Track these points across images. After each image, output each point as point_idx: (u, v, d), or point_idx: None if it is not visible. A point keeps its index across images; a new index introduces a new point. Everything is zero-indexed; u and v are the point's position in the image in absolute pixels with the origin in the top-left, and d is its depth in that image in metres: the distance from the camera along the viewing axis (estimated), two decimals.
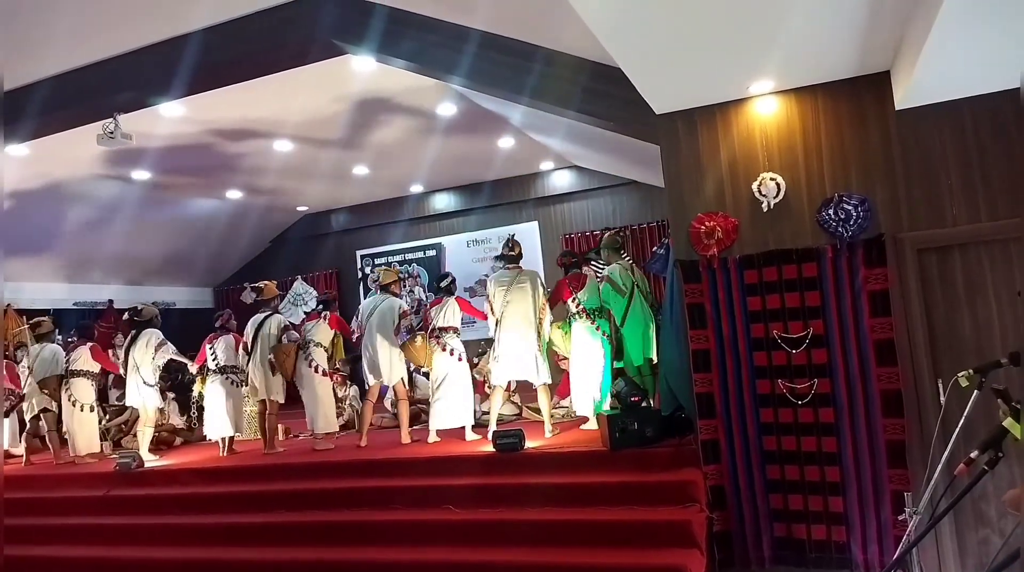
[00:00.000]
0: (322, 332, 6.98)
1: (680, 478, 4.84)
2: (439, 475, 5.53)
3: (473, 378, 6.79)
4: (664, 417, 5.35)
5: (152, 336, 7.39)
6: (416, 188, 12.16)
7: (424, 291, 12.22)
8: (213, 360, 7.22)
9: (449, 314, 6.50)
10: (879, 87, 4.55)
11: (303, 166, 9.97)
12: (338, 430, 7.24)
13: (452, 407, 6.36)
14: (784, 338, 4.66)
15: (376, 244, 13.00)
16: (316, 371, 6.85)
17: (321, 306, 7.25)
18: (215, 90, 6.79)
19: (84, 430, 7.49)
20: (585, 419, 6.27)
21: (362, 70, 6.83)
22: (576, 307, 6.23)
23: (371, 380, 6.77)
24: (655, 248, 7.64)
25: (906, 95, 4.27)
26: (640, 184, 10.80)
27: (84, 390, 7.53)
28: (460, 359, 6.44)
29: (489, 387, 6.68)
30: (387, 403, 7.85)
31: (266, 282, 7.71)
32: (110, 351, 8.94)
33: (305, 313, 7.91)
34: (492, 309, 6.22)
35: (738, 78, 4.49)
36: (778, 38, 3.89)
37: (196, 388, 7.88)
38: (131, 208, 10.47)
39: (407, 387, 6.98)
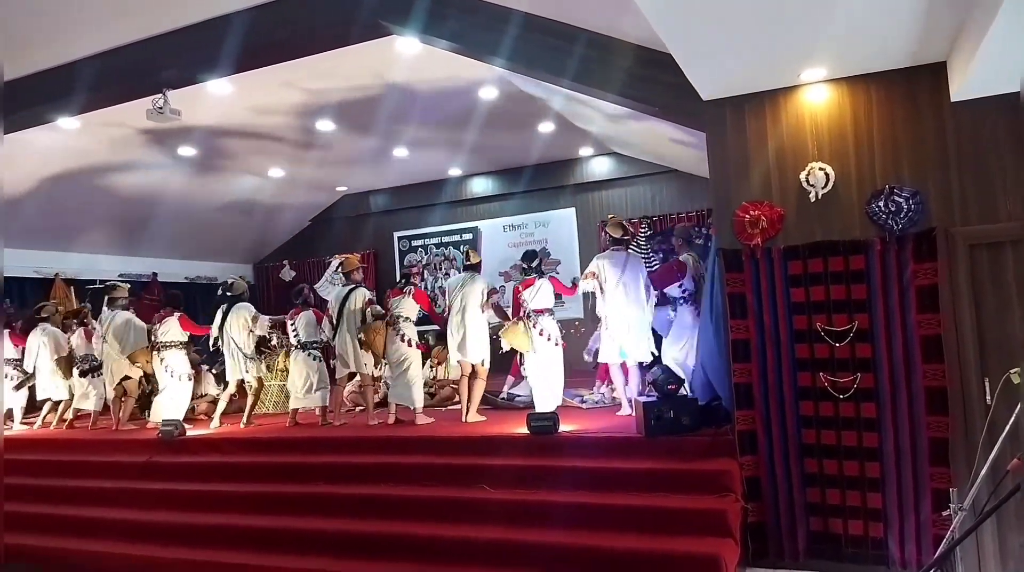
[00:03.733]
0: (408, 306, 6.94)
1: (715, 467, 4.82)
2: (475, 454, 5.59)
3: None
4: (701, 406, 5.32)
5: (245, 309, 7.51)
6: (455, 171, 12.20)
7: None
8: (295, 336, 7.32)
9: (542, 296, 6.41)
10: (935, 78, 4.44)
11: (344, 146, 10.07)
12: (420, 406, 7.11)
13: (546, 391, 6.30)
14: (828, 331, 4.60)
15: (414, 226, 13.08)
16: (409, 345, 6.81)
17: (404, 281, 7.21)
18: (262, 68, 6.89)
19: (178, 400, 7.62)
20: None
21: (406, 52, 6.86)
22: (682, 293, 6.20)
23: (458, 357, 6.69)
24: (696, 238, 7.58)
25: (963, 86, 4.17)
26: (680, 172, 10.69)
27: (179, 361, 7.63)
28: (556, 343, 6.37)
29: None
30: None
31: (347, 255, 7.70)
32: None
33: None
34: (602, 287, 6.18)
35: (790, 65, 4.42)
36: (833, 24, 3.82)
37: (279, 362, 7.97)
38: (177, 184, 10.68)
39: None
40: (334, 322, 7.14)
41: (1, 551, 4.09)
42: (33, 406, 9.22)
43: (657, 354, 6.26)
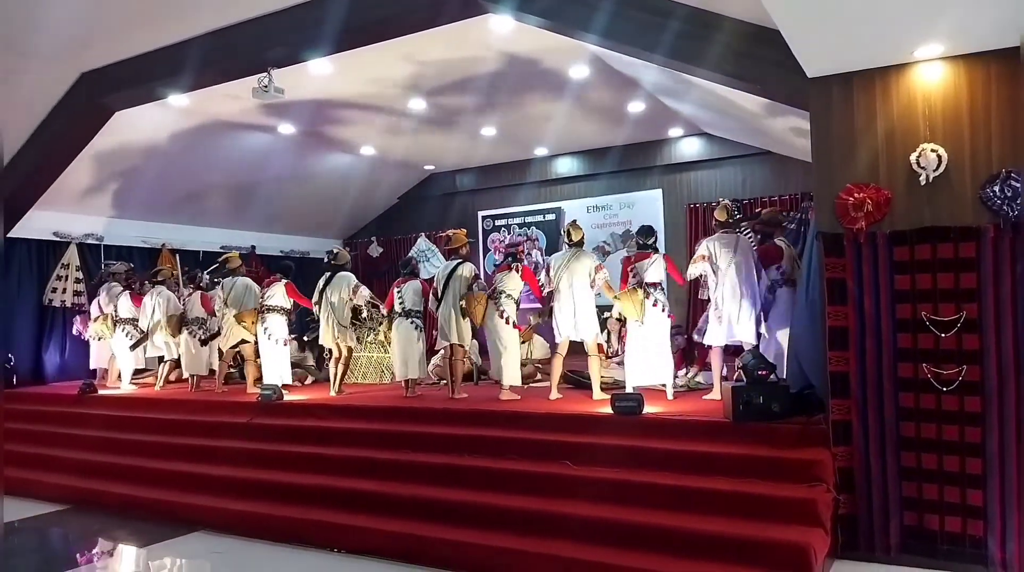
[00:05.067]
0: (513, 283, 6.92)
1: (806, 457, 4.72)
2: (559, 431, 5.65)
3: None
4: (792, 394, 5.21)
5: (348, 279, 7.74)
6: (540, 151, 12.21)
7: (542, 255, 12.30)
8: (400, 303, 7.49)
9: (657, 270, 6.38)
10: None
11: (434, 125, 10.23)
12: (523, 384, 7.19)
13: (653, 364, 6.29)
14: (933, 321, 4.42)
15: (498, 206, 13.18)
16: (507, 322, 6.82)
17: (510, 258, 7.16)
18: (360, 48, 7.07)
19: (276, 362, 7.96)
20: None
21: (499, 30, 6.89)
22: (780, 274, 6.11)
23: (568, 336, 6.61)
24: (785, 222, 7.36)
25: None
26: (773, 154, 10.38)
27: (278, 325, 7.97)
28: (669, 316, 6.37)
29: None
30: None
31: (454, 230, 7.78)
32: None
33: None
34: (714, 269, 6.12)
35: (905, 41, 4.23)
36: None
37: (382, 330, 8.21)
38: (276, 161, 11.11)
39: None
40: (439, 294, 7.21)
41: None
42: (144, 368, 9.83)
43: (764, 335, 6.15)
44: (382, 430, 6.28)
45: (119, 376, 9.40)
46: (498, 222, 13.17)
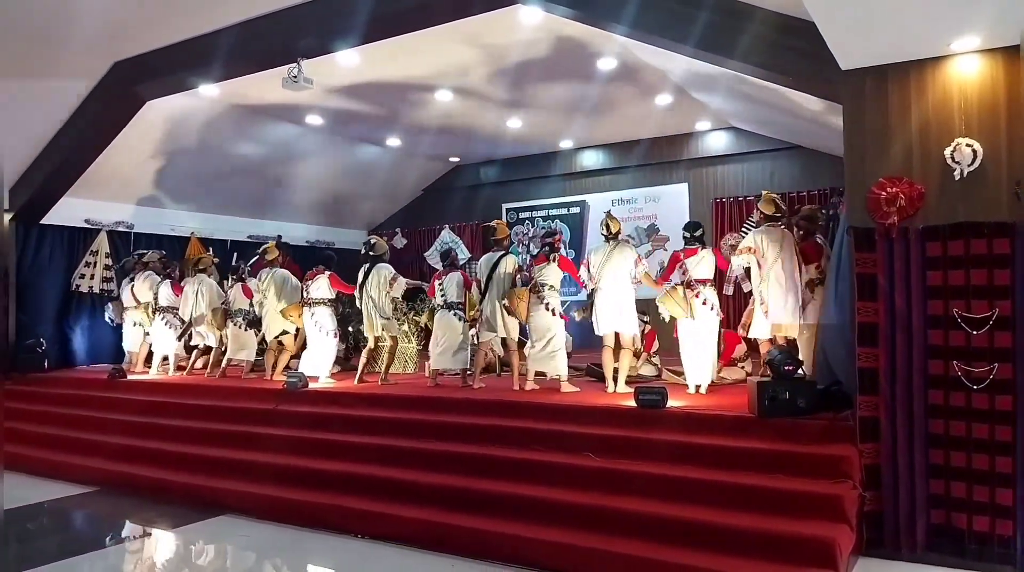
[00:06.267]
0: (553, 274, 6.87)
1: (832, 453, 4.68)
2: (582, 423, 5.65)
3: None
4: (819, 389, 5.17)
5: (385, 269, 7.78)
6: (566, 144, 12.19)
7: (566, 248, 12.27)
8: (442, 295, 7.50)
9: (706, 266, 6.36)
10: None
11: (460, 117, 10.25)
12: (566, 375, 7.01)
13: (698, 360, 6.31)
14: (965, 318, 4.35)
15: (523, 198, 13.19)
16: (553, 314, 6.76)
17: (548, 249, 7.07)
18: (387, 40, 7.09)
19: (322, 354, 8.02)
20: None
21: (527, 21, 6.88)
22: (820, 274, 6.03)
23: (603, 329, 6.60)
24: (821, 220, 7.28)
25: None
26: (802, 149, 10.28)
27: (326, 317, 8.04)
28: (718, 314, 6.36)
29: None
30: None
31: (498, 221, 7.78)
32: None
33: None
34: (759, 262, 6.09)
35: (941, 33, 4.16)
36: None
37: (423, 320, 8.24)
38: (303, 151, 11.21)
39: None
40: (483, 287, 7.20)
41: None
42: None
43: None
44: (406, 419, 6.32)
45: (147, 361, 9.55)
46: (522, 215, 13.17)
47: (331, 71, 8.02)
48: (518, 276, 7.07)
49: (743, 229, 10.28)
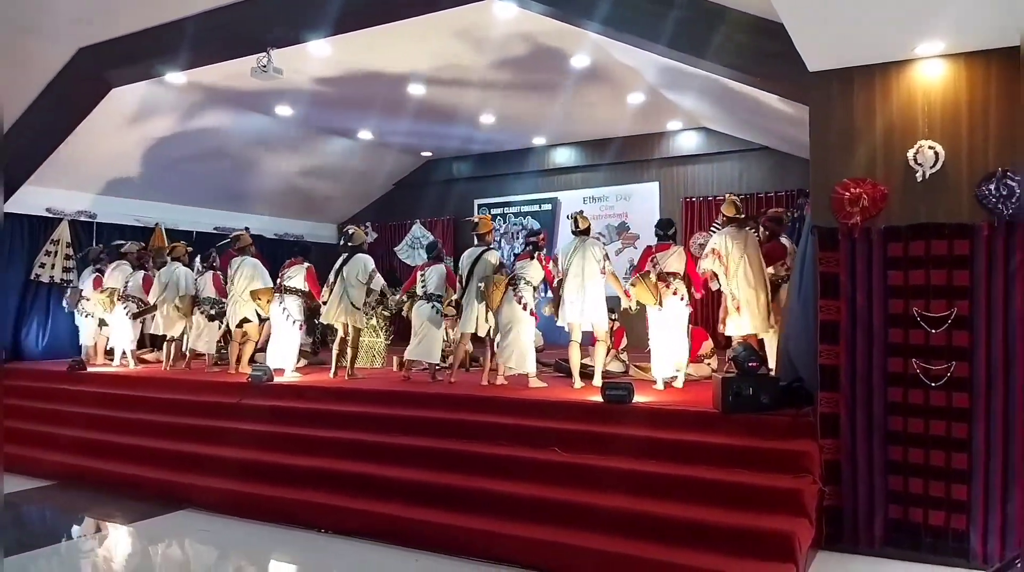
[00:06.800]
0: (534, 271, 6.84)
1: (794, 448, 4.75)
2: (548, 418, 5.67)
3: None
4: (782, 386, 5.24)
5: (365, 261, 7.66)
6: (539, 141, 12.20)
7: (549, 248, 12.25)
8: (422, 286, 7.43)
9: (676, 260, 6.41)
10: None
11: (432, 111, 10.18)
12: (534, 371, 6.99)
13: (671, 352, 6.35)
14: (924, 317, 4.45)
15: (495, 194, 13.17)
16: (524, 309, 6.72)
17: (531, 247, 7.04)
18: (359, 31, 7.03)
19: (287, 343, 7.85)
20: None
21: (502, 15, 6.87)
22: (787, 272, 6.14)
23: (573, 322, 6.61)
24: (787, 221, 7.41)
25: None
26: (772, 150, 10.41)
27: (296, 307, 7.87)
28: (688, 305, 6.40)
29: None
30: None
31: (481, 216, 7.71)
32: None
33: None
34: (725, 265, 6.20)
35: (906, 37, 4.24)
36: None
37: (404, 311, 8.10)
38: (272, 142, 11.06)
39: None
40: (463, 282, 7.14)
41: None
42: (143, 343, 9.77)
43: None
44: (373, 413, 6.28)
45: (107, 353, 9.33)
46: (494, 211, 13.15)
47: (302, 61, 7.93)
48: (500, 272, 6.99)
49: (712, 229, 10.40)
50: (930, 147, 4.47)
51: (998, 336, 4.32)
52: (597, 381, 6.48)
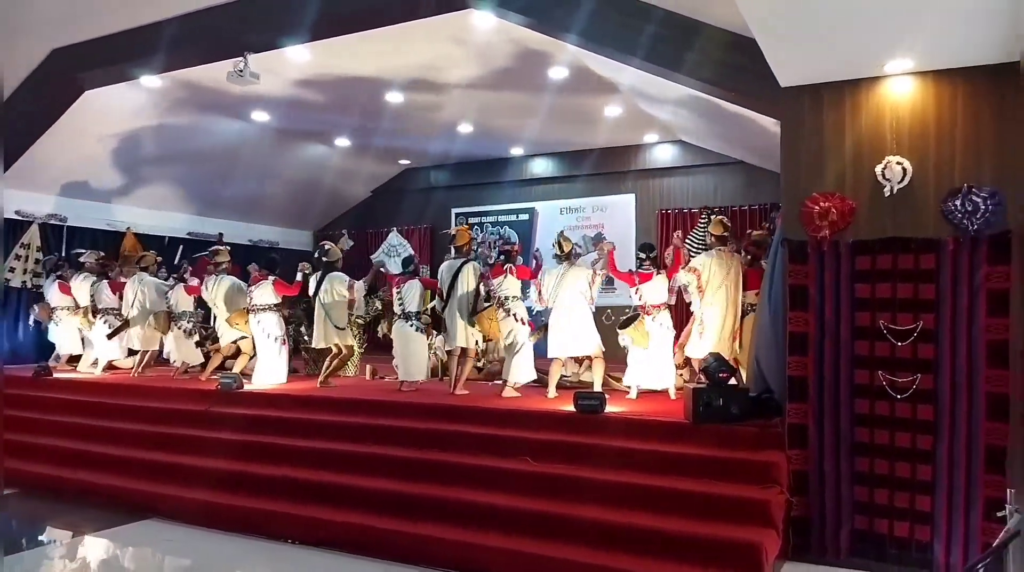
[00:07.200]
0: (512, 285, 6.81)
1: (762, 458, 4.79)
2: (520, 428, 5.66)
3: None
4: (751, 397, 5.28)
5: (340, 278, 7.58)
6: (516, 151, 12.24)
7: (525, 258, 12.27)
8: (400, 304, 7.32)
9: (660, 292, 6.43)
10: None
11: (411, 119, 10.18)
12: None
13: (656, 368, 6.36)
14: (891, 329, 4.51)
15: (472, 203, 13.18)
16: (520, 322, 6.69)
17: (504, 258, 7.03)
18: (338, 38, 7.02)
19: (273, 360, 7.75)
20: None
21: (481, 26, 6.90)
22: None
23: (554, 352, 6.63)
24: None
25: None
26: (747, 164, 10.53)
27: (273, 323, 7.74)
28: (670, 330, 6.44)
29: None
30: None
31: (459, 227, 7.64)
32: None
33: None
34: (701, 285, 6.31)
35: (876, 55, 4.32)
36: (925, 15, 3.73)
37: (381, 329, 8.04)
38: (248, 148, 10.97)
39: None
40: (445, 295, 7.06)
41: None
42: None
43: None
44: (343, 422, 6.23)
45: (94, 362, 9.18)
46: (472, 220, 13.15)
47: (279, 67, 7.89)
48: (481, 283, 6.98)
49: (687, 241, 10.47)
50: (898, 163, 4.55)
51: (962, 349, 4.39)
52: (597, 388, 6.45)
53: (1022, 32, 3.85)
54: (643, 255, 6.62)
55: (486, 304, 6.95)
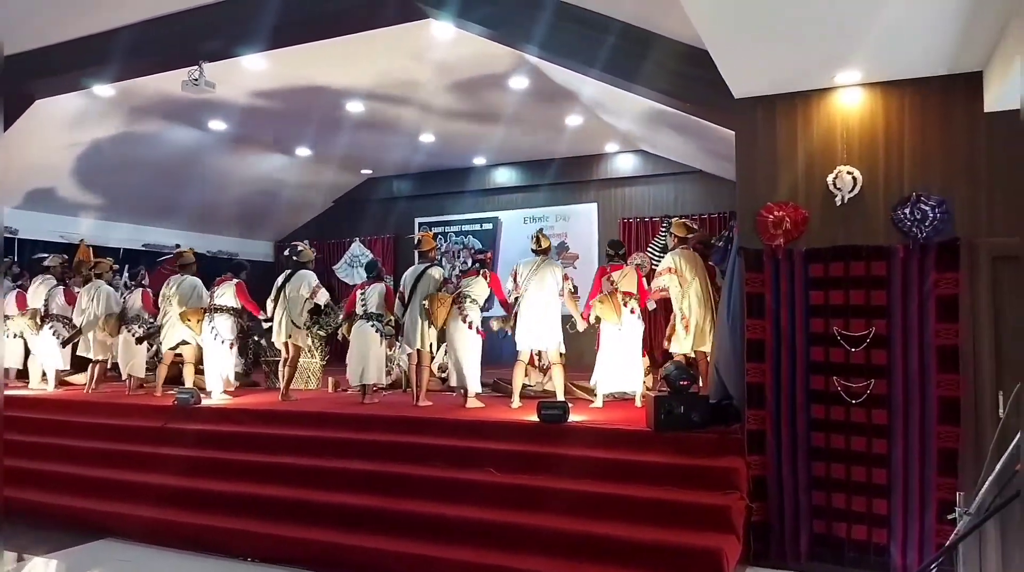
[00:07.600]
0: (479, 289, 6.78)
1: (722, 465, 4.84)
2: (484, 439, 5.64)
3: None
4: (711, 404, 5.34)
5: (308, 277, 7.52)
6: (479, 160, 12.24)
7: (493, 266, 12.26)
8: (362, 305, 7.28)
9: (630, 280, 6.50)
10: (970, 87, 4.42)
11: (372, 129, 10.12)
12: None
13: (625, 371, 6.42)
14: (844, 335, 4.60)
15: (435, 213, 13.15)
16: (470, 327, 6.66)
17: (478, 265, 7.03)
18: (296, 47, 6.96)
19: (220, 364, 7.58)
20: None
21: (441, 37, 6.90)
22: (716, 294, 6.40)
23: (522, 345, 6.60)
24: (714, 240, 7.61)
25: (998, 97, 4.14)
26: (705, 174, 10.68)
27: (226, 326, 7.60)
28: (642, 322, 6.53)
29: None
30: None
31: (423, 233, 7.64)
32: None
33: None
34: (680, 283, 6.49)
35: (825, 67, 4.42)
36: (873, 28, 3.83)
37: (341, 332, 7.93)
38: (205, 157, 10.80)
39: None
40: (406, 299, 7.02)
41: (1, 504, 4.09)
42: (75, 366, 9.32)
43: None
44: (303, 436, 6.13)
45: (43, 376, 8.91)
46: (435, 229, 13.08)
47: (236, 75, 7.78)
48: (443, 288, 6.94)
49: (648, 249, 10.59)
50: (848, 172, 4.66)
51: (914, 354, 4.49)
52: (560, 397, 6.43)
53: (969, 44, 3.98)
54: (612, 252, 6.76)
55: (444, 292, 6.90)
